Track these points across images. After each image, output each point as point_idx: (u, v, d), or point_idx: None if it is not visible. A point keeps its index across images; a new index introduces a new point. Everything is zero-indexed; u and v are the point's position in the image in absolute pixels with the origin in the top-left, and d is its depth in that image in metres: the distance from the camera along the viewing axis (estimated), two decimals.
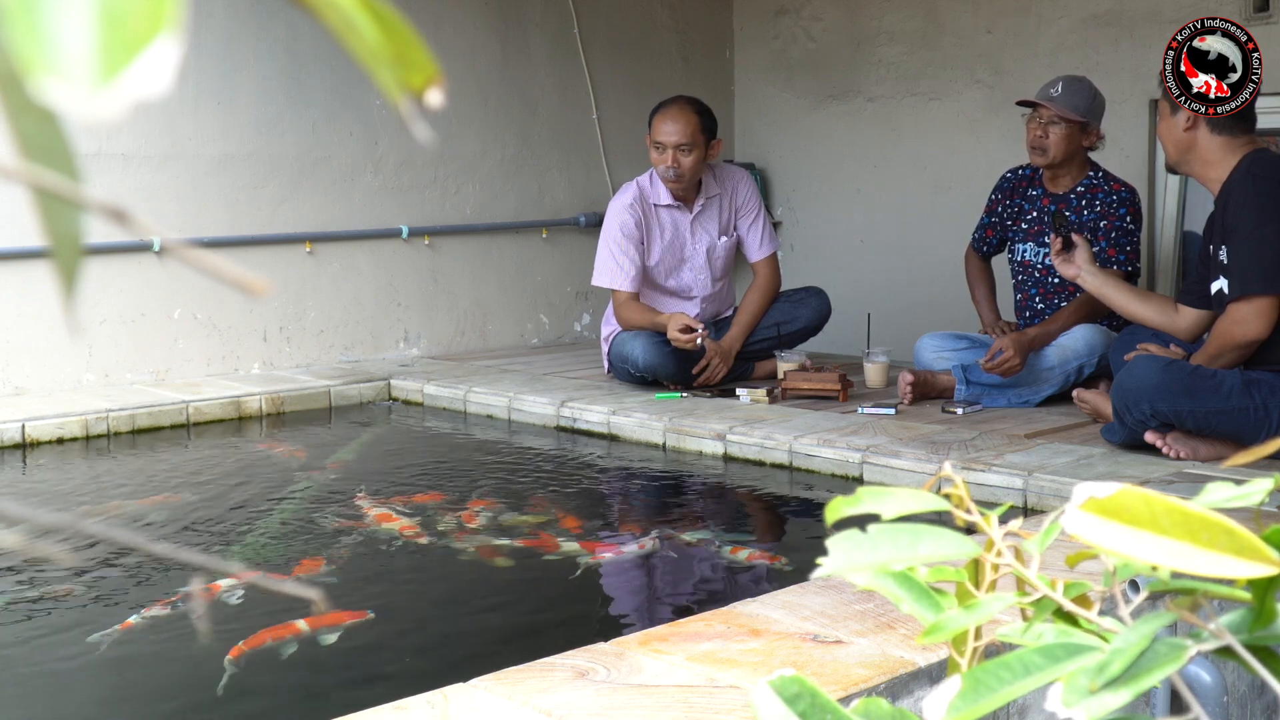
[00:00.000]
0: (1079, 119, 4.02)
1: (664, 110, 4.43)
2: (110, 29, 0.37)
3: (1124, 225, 4.08)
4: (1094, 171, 4.17)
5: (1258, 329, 3.11)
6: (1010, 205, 4.36)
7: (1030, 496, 3.07)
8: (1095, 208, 4.10)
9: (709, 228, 4.59)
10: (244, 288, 0.42)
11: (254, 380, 4.72)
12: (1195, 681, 1.90)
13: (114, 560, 2.84)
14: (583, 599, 2.71)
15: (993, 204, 4.43)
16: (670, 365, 4.31)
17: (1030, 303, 4.28)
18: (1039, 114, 4.06)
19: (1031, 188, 4.30)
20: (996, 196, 4.42)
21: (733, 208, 4.63)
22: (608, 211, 4.56)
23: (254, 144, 4.96)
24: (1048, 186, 4.22)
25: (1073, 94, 4.03)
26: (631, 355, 4.36)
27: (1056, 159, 4.07)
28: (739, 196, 4.64)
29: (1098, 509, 0.57)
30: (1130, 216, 4.09)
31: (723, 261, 4.65)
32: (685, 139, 4.38)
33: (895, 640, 1.83)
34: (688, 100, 4.48)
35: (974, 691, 0.57)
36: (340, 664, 2.28)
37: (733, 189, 4.61)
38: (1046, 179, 4.22)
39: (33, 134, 0.41)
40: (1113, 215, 4.08)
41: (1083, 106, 4.03)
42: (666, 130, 4.39)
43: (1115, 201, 4.09)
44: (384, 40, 0.42)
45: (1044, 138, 4.05)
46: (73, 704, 2.19)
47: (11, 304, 4.39)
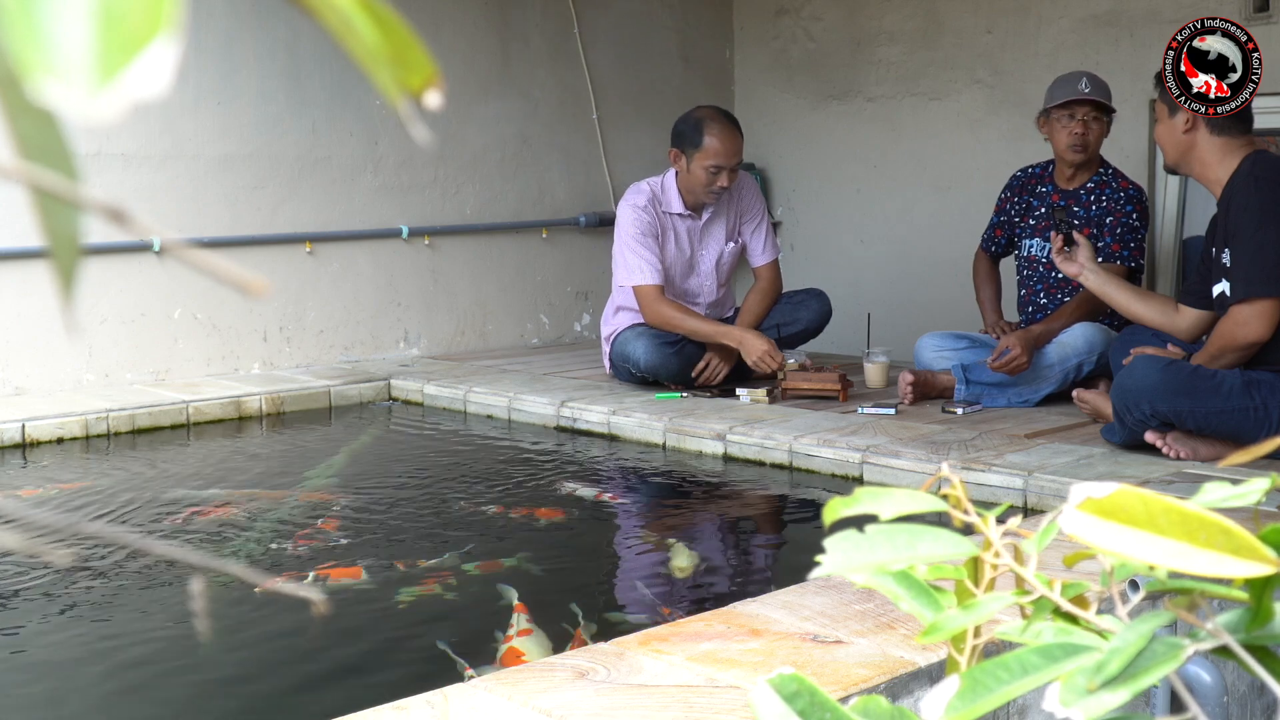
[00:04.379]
0: (1113, 108, 4.12)
1: (720, 130, 4.29)
2: (109, 29, 0.37)
3: (1130, 222, 4.11)
4: (1104, 168, 4.23)
5: (1259, 331, 3.11)
6: (1019, 202, 4.40)
7: (1030, 496, 3.07)
8: (1102, 203, 4.15)
9: (717, 235, 4.57)
10: (244, 288, 0.42)
11: (254, 380, 4.72)
12: (1195, 681, 1.91)
13: (113, 559, 2.84)
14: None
15: (1002, 203, 4.47)
16: (673, 366, 4.31)
17: (1034, 298, 4.31)
18: (1076, 111, 4.11)
19: (1041, 184, 4.34)
20: (1006, 195, 4.46)
21: (738, 213, 4.60)
22: (620, 212, 4.47)
23: (254, 144, 4.96)
24: (1061, 183, 4.26)
25: (1099, 87, 4.12)
26: (633, 355, 4.35)
27: (1093, 153, 4.16)
28: (744, 201, 4.62)
29: (1095, 509, 0.57)
30: (1137, 214, 4.13)
31: (728, 268, 4.65)
32: (740, 158, 4.35)
33: (895, 640, 1.83)
34: (730, 116, 4.40)
35: (972, 691, 0.57)
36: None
37: (738, 194, 4.58)
38: (1062, 176, 4.25)
39: (31, 134, 0.41)
40: (1119, 212, 4.12)
41: (1109, 98, 4.14)
42: (729, 152, 4.28)
43: (1123, 198, 4.14)
44: (382, 41, 0.43)
45: (1085, 133, 4.11)
46: (73, 705, 2.19)
47: (11, 304, 4.39)
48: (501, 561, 2.85)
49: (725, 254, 4.59)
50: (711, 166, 4.29)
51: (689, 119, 4.38)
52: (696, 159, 4.31)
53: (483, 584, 2.70)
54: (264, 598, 2.53)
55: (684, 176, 4.39)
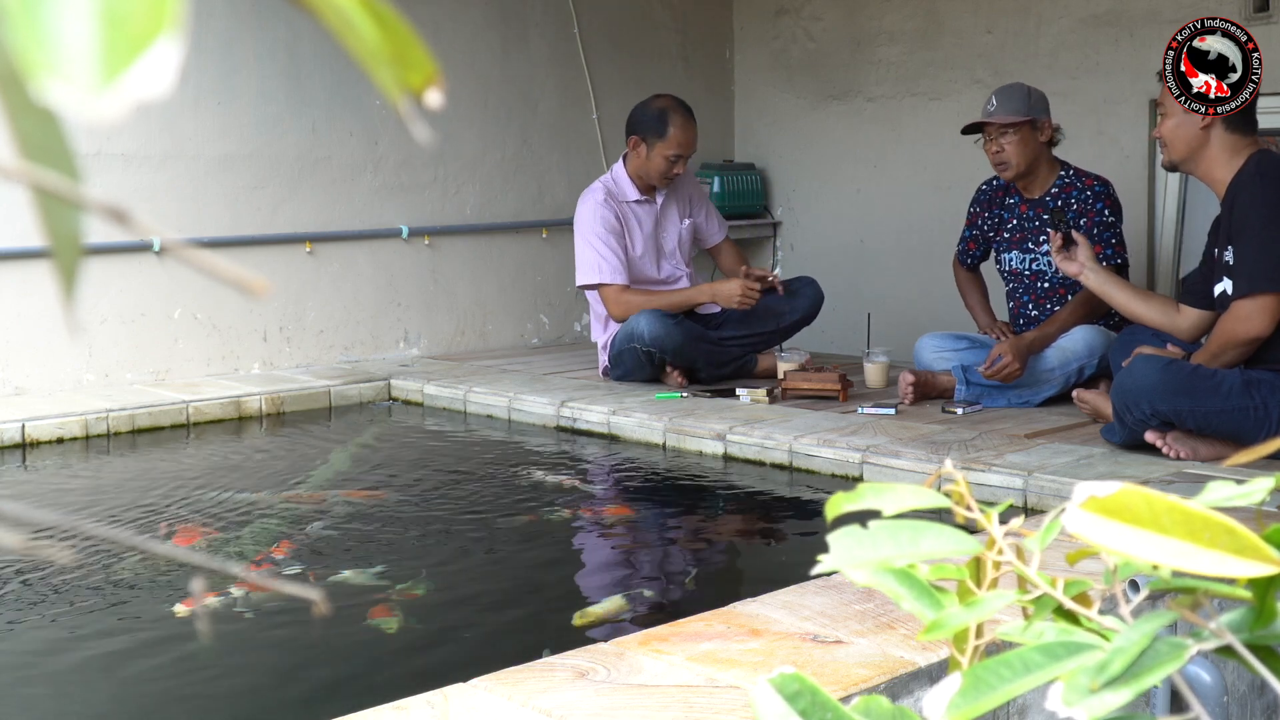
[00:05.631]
0: (1022, 119, 4.05)
1: (683, 121, 4.51)
2: (111, 29, 0.37)
3: (1103, 219, 4.09)
4: (1065, 171, 4.19)
5: (1261, 326, 3.10)
6: (990, 217, 4.39)
7: (1030, 496, 3.07)
8: (1072, 206, 4.12)
9: (673, 216, 4.77)
10: (244, 288, 0.42)
11: (254, 380, 4.72)
12: (1195, 681, 1.91)
13: (112, 561, 2.84)
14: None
15: (973, 217, 4.46)
16: (677, 337, 4.35)
17: (1024, 310, 4.28)
18: (987, 132, 4.12)
19: (1009, 196, 4.33)
20: (975, 210, 4.45)
21: (686, 195, 4.82)
22: (580, 212, 4.65)
23: (254, 144, 4.96)
24: (1025, 193, 4.24)
25: (1007, 100, 4.08)
26: (638, 330, 4.40)
27: (1021, 167, 4.10)
28: (689, 184, 4.85)
29: (1099, 508, 0.57)
30: (1107, 209, 4.10)
31: (688, 246, 4.85)
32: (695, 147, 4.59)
33: (895, 640, 1.82)
34: (688, 107, 4.60)
35: (974, 689, 0.57)
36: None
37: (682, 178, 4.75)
38: (1021, 186, 4.24)
39: (33, 134, 0.41)
40: (1090, 211, 4.09)
41: (1021, 107, 4.07)
42: (690, 142, 4.54)
43: (1090, 197, 4.11)
44: (383, 40, 0.42)
45: (1001, 152, 4.09)
46: (75, 705, 2.19)
47: (11, 304, 4.39)
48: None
49: (683, 231, 4.79)
50: (672, 155, 4.51)
51: (650, 109, 4.57)
52: (659, 148, 4.51)
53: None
54: (263, 598, 2.53)
55: (639, 163, 4.59)
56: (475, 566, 2.90)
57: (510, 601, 2.68)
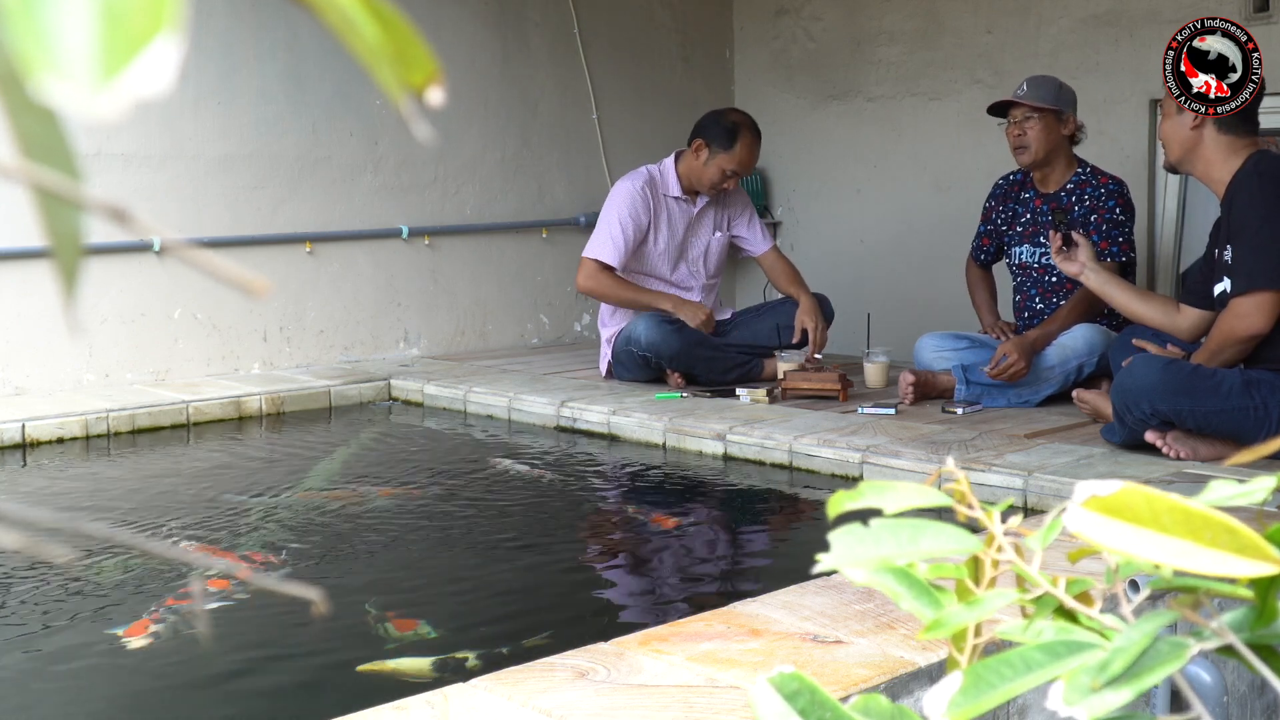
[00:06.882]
0: (1051, 107, 4.09)
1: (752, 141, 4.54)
2: (111, 28, 0.37)
3: (1114, 217, 4.10)
4: (1082, 168, 4.21)
5: (1259, 324, 3.10)
6: (1004, 210, 4.40)
7: (1030, 496, 3.07)
8: (1085, 202, 4.14)
9: (707, 224, 4.73)
10: (244, 288, 0.42)
11: (254, 380, 4.72)
12: (1195, 681, 1.90)
13: (112, 560, 2.84)
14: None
15: (988, 212, 4.47)
16: (674, 344, 4.35)
17: (1030, 303, 4.29)
18: (1012, 115, 4.14)
19: (1024, 190, 4.34)
20: (991, 204, 4.46)
21: (725, 206, 4.77)
22: (615, 188, 4.65)
23: (254, 144, 4.96)
24: (1039, 187, 4.26)
25: (1037, 87, 4.12)
26: (635, 334, 4.41)
27: (1039, 154, 4.12)
28: (731, 195, 4.77)
29: (1100, 507, 0.57)
30: (1120, 208, 4.12)
31: (716, 260, 4.79)
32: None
33: (895, 640, 1.82)
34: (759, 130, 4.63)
35: (975, 688, 0.56)
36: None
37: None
38: (1037, 180, 4.25)
39: (33, 133, 0.41)
40: (1102, 208, 4.11)
41: (1050, 96, 4.11)
42: (750, 163, 4.58)
43: (1104, 194, 4.12)
44: (384, 38, 0.42)
45: (1022, 135, 4.12)
46: (77, 706, 2.19)
47: (11, 304, 4.39)
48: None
49: (713, 243, 4.75)
50: (730, 170, 4.51)
51: (724, 120, 4.56)
52: (720, 159, 4.50)
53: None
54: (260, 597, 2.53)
55: (694, 166, 4.56)
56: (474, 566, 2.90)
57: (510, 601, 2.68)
